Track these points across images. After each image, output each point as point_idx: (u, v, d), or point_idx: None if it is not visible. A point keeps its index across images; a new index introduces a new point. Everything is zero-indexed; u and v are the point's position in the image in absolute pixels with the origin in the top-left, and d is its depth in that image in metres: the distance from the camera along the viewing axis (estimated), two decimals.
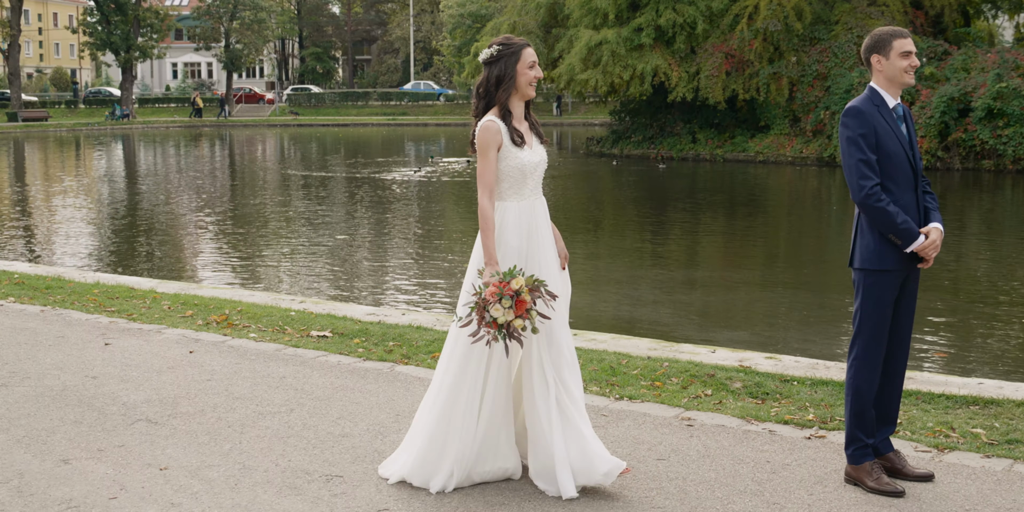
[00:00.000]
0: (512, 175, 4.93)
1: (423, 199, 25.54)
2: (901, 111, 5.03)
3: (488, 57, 4.91)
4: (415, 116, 72.43)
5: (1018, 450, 5.40)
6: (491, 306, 4.57)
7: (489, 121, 4.87)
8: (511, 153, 4.90)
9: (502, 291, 4.58)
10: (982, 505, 4.72)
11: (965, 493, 4.87)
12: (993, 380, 7.13)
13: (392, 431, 5.82)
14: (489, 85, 4.92)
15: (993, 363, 9.73)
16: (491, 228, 4.81)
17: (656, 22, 36.02)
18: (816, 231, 20.44)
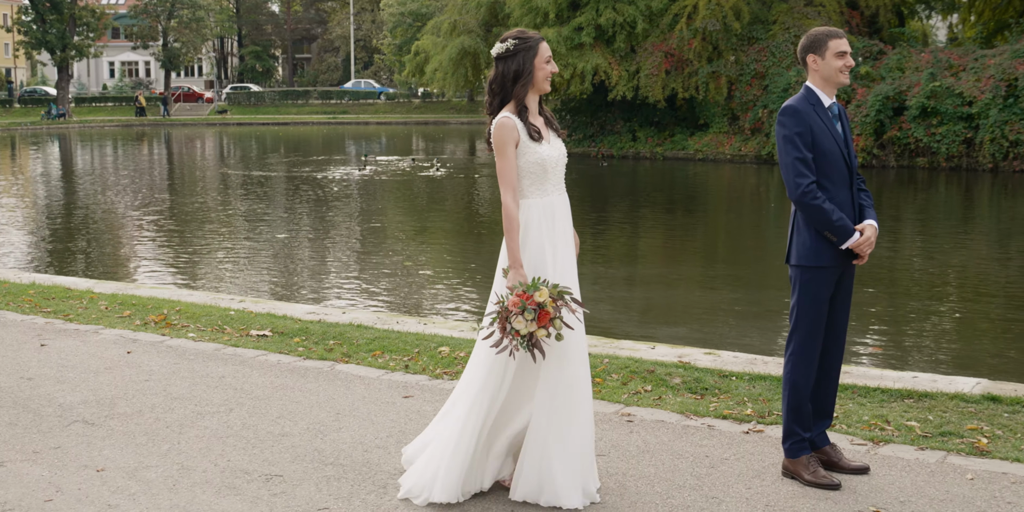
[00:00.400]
0: (533, 171, 4.75)
1: (364, 197, 25.44)
2: (836, 110, 5.10)
3: (503, 52, 4.73)
4: (356, 115, 72.09)
5: (951, 442, 5.49)
6: (513, 317, 4.45)
7: (504, 117, 4.71)
8: (530, 148, 4.73)
9: (525, 303, 4.45)
10: (916, 497, 4.80)
11: (900, 485, 4.95)
12: (927, 373, 7.25)
13: (332, 430, 5.80)
14: (505, 80, 4.74)
15: (927, 357, 9.89)
16: (516, 229, 4.65)
17: (596, 21, 36.18)
18: (754, 228, 20.64)
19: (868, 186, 5.23)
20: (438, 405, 6.22)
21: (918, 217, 21.34)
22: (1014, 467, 5.14)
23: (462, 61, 39.45)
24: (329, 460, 5.33)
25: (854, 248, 4.95)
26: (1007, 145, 28.86)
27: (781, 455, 5.28)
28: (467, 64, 39.62)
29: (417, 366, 7.14)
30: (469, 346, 7.71)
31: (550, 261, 4.74)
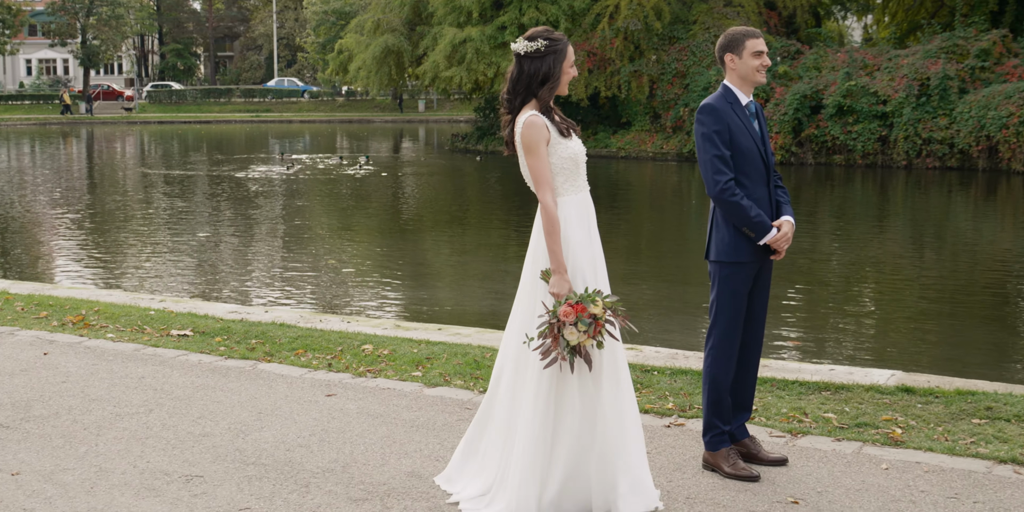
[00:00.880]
0: (567, 167, 4.63)
1: (287, 196, 25.23)
2: (754, 108, 5.17)
3: (532, 51, 4.58)
4: (279, 113, 71.46)
5: (867, 433, 5.60)
6: (566, 329, 4.34)
7: (533, 116, 4.55)
8: (561, 144, 4.61)
9: (582, 315, 4.35)
10: (832, 487, 4.89)
11: (817, 476, 5.04)
12: (844, 366, 7.38)
13: (254, 429, 5.76)
14: (532, 81, 4.59)
15: (844, 350, 10.07)
16: (559, 230, 4.53)
17: (520, 20, 36.26)
18: (675, 225, 20.84)
19: (786, 183, 5.33)
20: (362, 403, 6.21)
21: (835, 213, 21.70)
22: (927, 456, 5.26)
23: (386, 60, 39.33)
24: (251, 460, 5.30)
25: (771, 244, 5.03)
26: (920, 143, 29.48)
27: (702, 448, 5.35)
28: (391, 63, 39.50)
29: (340, 364, 7.11)
30: (392, 344, 7.70)
31: (589, 262, 4.65)
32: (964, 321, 11.33)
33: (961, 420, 5.84)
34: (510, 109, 4.65)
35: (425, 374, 6.84)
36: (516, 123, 4.62)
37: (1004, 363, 9.64)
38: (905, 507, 4.66)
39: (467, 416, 5.95)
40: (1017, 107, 27.40)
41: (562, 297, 4.44)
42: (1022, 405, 6.04)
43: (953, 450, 5.33)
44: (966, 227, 19.68)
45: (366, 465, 5.20)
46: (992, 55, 30.20)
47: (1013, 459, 5.19)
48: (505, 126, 4.71)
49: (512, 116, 4.65)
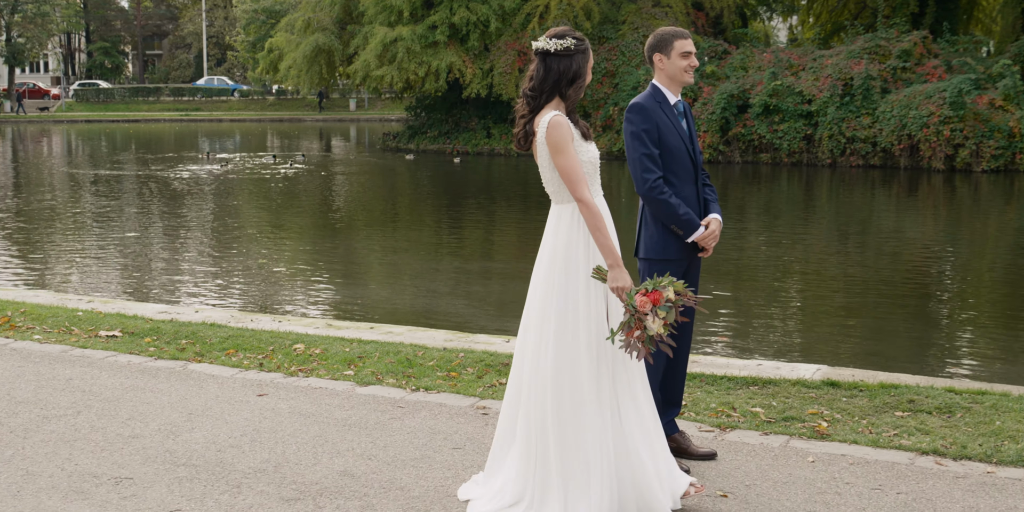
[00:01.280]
0: (587, 171, 4.50)
1: (217, 195, 24.99)
2: (682, 107, 5.24)
3: (562, 50, 4.50)
4: (209, 112, 70.69)
5: (793, 427, 5.70)
6: (649, 319, 4.29)
7: (558, 116, 4.44)
8: (583, 148, 4.51)
9: (664, 303, 4.30)
10: (760, 480, 4.98)
11: (745, 469, 5.12)
12: (771, 361, 7.51)
13: (185, 430, 5.72)
14: (561, 80, 4.51)
15: (771, 345, 10.23)
16: (604, 224, 4.44)
17: (450, 20, 36.27)
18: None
19: (714, 181, 5.41)
20: (293, 403, 6.20)
21: (762, 211, 21.99)
22: (852, 449, 5.38)
23: (316, 58, 39.11)
24: (181, 461, 5.26)
25: (699, 241, 5.10)
26: (844, 141, 29.97)
27: None
28: (321, 61, 39.29)
29: (272, 364, 7.08)
30: (324, 343, 7.68)
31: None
32: (887, 316, 11.55)
33: (884, 413, 5.96)
34: (532, 107, 4.55)
35: (357, 373, 6.83)
36: (537, 123, 4.52)
37: (925, 357, 9.85)
38: (831, 499, 4.75)
39: (399, 414, 5.97)
40: (937, 107, 27.97)
41: (626, 290, 4.39)
42: (943, 398, 6.18)
43: (877, 442, 5.44)
44: (888, 224, 20.05)
45: (298, 465, 5.19)
46: (913, 56, 30.80)
47: (935, 450, 5.32)
48: (520, 124, 4.60)
49: (532, 115, 4.56)
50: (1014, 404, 6.09)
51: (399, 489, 4.86)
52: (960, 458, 5.25)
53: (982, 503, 4.70)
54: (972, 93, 27.98)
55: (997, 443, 5.41)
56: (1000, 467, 5.14)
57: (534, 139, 4.53)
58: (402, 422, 5.84)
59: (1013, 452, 5.26)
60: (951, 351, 10.23)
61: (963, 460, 5.24)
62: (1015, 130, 27.49)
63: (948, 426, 5.72)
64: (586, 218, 4.44)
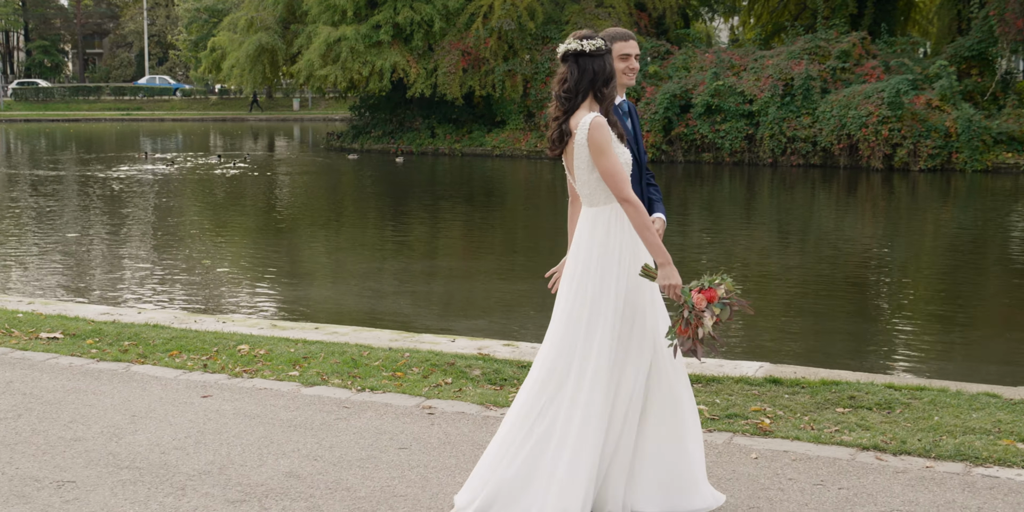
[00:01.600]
0: None
1: (160, 195, 24.74)
2: (627, 107, 5.27)
3: (594, 50, 4.46)
4: (151, 111, 69.88)
5: (736, 423, 5.77)
6: (706, 316, 4.33)
7: (599, 117, 4.41)
8: (618, 149, 4.48)
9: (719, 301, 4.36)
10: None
11: None
12: (714, 359, 7.56)
13: (128, 433, 5.67)
14: (596, 80, 4.47)
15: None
16: (650, 221, 4.44)
17: (394, 20, 36.18)
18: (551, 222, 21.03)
19: (657, 181, 5.44)
20: (238, 404, 6.16)
21: (704, 210, 22.17)
22: (794, 445, 5.45)
23: (260, 58, 38.84)
24: (125, 464, 5.22)
25: None
26: (785, 141, 30.30)
27: None
28: (265, 61, 39.03)
29: (216, 365, 7.04)
30: (269, 343, 7.65)
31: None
32: (827, 314, 11.70)
33: (826, 409, 6.05)
34: (567, 109, 4.49)
35: (302, 373, 6.81)
36: (574, 124, 4.47)
37: (865, 353, 9.99)
38: (774, 495, 4.82)
39: (344, 414, 5.95)
40: (876, 107, 28.35)
41: (678, 287, 4.42)
42: (883, 394, 6.29)
43: (819, 438, 5.52)
44: (828, 223, 20.30)
45: (243, 466, 5.17)
46: (852, 56, 31.20)
47: (875, 446, 5.41)
48: (554, 126, 4.53)
49: (566, 116, 4.50)
50: (951, 400, 6.21)
51: (345, 490, 4.86)
52: (900, 453, 5.35)
53: (921, 497, 4.78)
54: (910, 93, 28.40)
55: (935, 438, 5.51)
56: (938, 462, 5.23)
57: (571, 140, 4.48)
58: (348, 422, 5.83)
59: (951, 447, 5.36)
60: (890, 348, 10.39)
61: (903, 455, 5.33)
62: (951, 130, 27.94)
63: (888, 422, 5.81)
64: (633, 217, 4.41)
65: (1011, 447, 5.38)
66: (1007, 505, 4.70)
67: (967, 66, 31.28)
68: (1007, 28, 29.31)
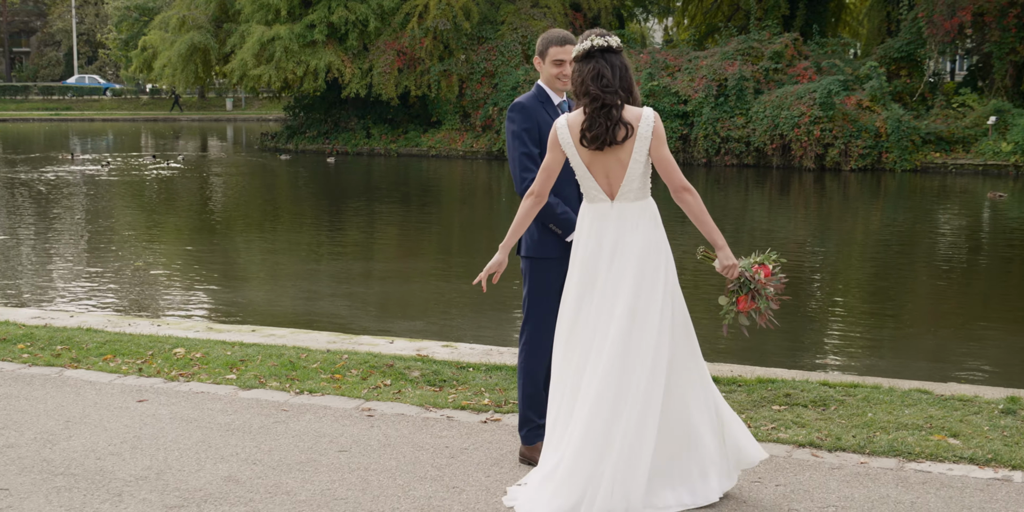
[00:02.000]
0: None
1: (91, 197, 24.37)
2: (567, 107, 5.29)
3: (618, 46, 4.62)
4: (80, 111, 68.80)
5: None
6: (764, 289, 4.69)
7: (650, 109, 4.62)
8: None
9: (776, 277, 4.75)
10: None
11: None
12: None
13: (62, 438, 5.58)
14: (628, 74, 4.62)
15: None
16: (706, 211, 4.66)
17: (329, 19, 35.98)
18: (487, 222, 21.05)
19: None
20: (175, 408, 6.10)
21: None
22: None
23: (192, 57, 38.42)
24: (59, 470, 5.14)
25: None
26: (719, 141, 30.61)
27: (518, 442, 5.45)
28: (197, 60, 38.61)
29: (151, 369, 6.95)
30: (205, 346, 7.57)
31: None
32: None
33: (762, 407, 6.12)
34: (620, 103, 4.56)
35: (240, 376, 6.76)
36: (630, 117, 4.56)
37: (798, 352, 10.12)
38: None
39: (283, 417, 5.91)
40: (808, 107, 28.73)
41: (736, 267, 4.68)
42: (818, 391, 6.38)
43: (756, 436, 5.55)
44: (761, 222, 20.52)
45: (181, 471, 5.11)
46: (784, 57, 31.59)
47: (811, 443, 5.48)
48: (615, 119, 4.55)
49: (619, 112, 4.54)
50: (884, 396, 6.31)
51: (285, 493, 4.82)
52: (835, 450, 5.42)
53: (856, 493, 4.86)
54: (841, 94, 28.81)
55: (869, 434, 5.60)
56: (872, 457, 5.32)
57: (633, 134, 4.57)
58: (287, 425, 5.80)
59: (884, 443, 5.45)
60: (823, 346, 10.54)
61: (838, 451, 5.41)
62: (881, 130, 28.40)
63: (823, 419, 5.90)
64: (694, 204, 4.64)
65: (942, 442, 5.48)
66: (939, 499, 4.79)
67: (896, 67, 31.83)
68: (935, 30, 29.84)
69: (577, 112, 4.65)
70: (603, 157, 4.60)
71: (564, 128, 4.64)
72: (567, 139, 4.63)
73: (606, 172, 4.63)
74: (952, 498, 4.80)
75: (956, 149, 28.64)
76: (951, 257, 16.05)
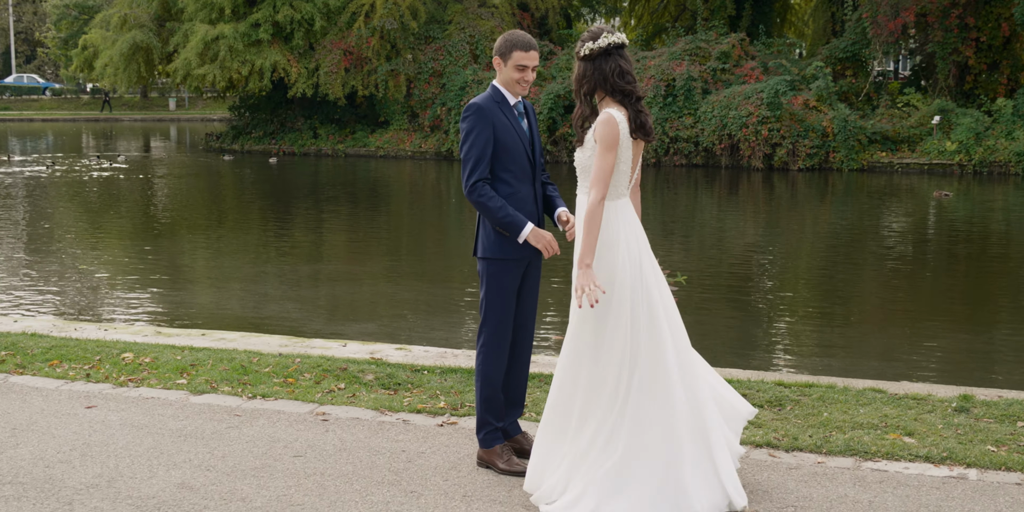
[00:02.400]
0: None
1: (31, 199, 23.97)
2: (523, 107, 5.27)
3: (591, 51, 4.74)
4: (19, 111, 67.70)
5: None
6: None
7: None
8: None
9: None
10: None
11: None
12: None
13: (9, 447, 5.45)
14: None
15: None
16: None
17: (274, 18, 35.66)
18: (437, 223, 20.98)
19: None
20: (125, 414, 5.99)
21: None
22: None
23: (134, 56, 37.89)
24: (7, 479, 5.02)
25: (531, 241, 5.10)
26: (668, 141, 30.71)
27: (475, 446, 5.41)
28: (140, 59, 38.09)
29: (99, 374, 6.83)
30: (154, 351, 7.44)
31: None
32: (711, 312, 11.87)
33: None
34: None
35: (190, 381, 6.65)
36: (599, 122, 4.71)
37: (751, 352, 10.16)
38: None
39: (236, 423, 5.83)
40: (755, 107, 28.92)
41: None
42: (773, 391, 6.39)
43: None
44: (711, 222, 20.62)
45: (133, 478, 5.01)
46: (732, 57, 31.77)
47: (768, 443, 5.49)
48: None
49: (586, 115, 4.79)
50: (839, 395, 6.34)
51: (240, 500, 4.75)
52: (792, 450, 5.44)
53: (815, 492, 4.87)
54: (788, 94, 29.03)
55: (825, 434, 5.62)
56: (829, 457, 5.34)
57: None
58: (240, 431, 5.71)
59: (840, 442, 5.47)
60: (775, 346, 10.59)
61: (795, 451, 5.42)
62: (828, 130, 28.65)
63: (779, 419, 5.91)
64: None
65: (898, 441, 5.51)
66: (896, 498, 4.81)
67: (841, 67, 32.14)
68: (880, 30, 30.17)
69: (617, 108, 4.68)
70: (637, 149, 4.77)
71: (624, 122, 4.65)
72: (626, 133, 4.65)
73: (636, 163, 4.80)
74: (909, 497, 4.83)
75: (902, 148, 28.98)
76: (899, 256, 16.21)
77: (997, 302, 12.86)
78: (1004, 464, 5.21)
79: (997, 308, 12.46)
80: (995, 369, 9.50)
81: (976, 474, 5.12)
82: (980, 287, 13.91)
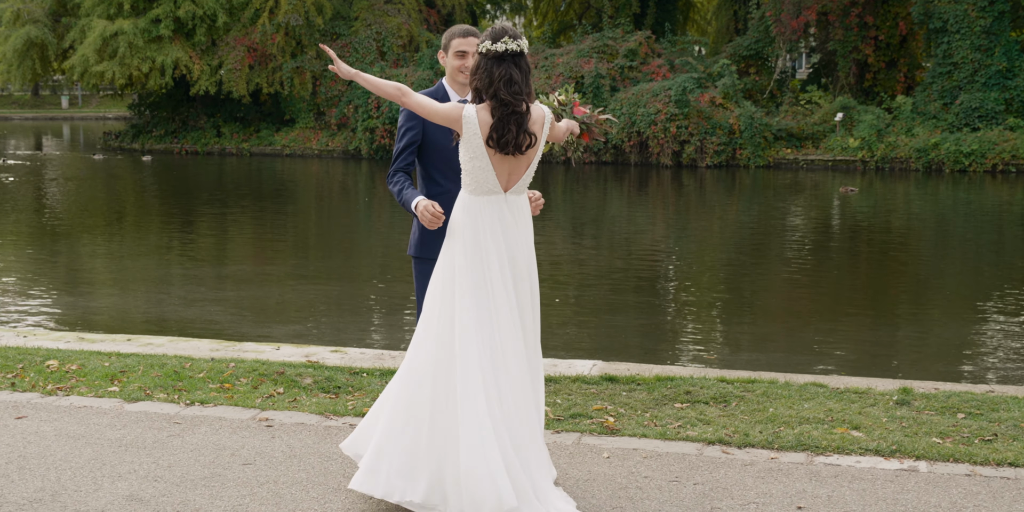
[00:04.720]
0: None
1: None
2: None
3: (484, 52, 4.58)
4: None
5: (582, 423, 5.76)
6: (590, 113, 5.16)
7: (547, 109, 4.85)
8: None
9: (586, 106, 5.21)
10: (562, 478, 4.97)
11: None
12: (548, 358, 7.55)
13: None
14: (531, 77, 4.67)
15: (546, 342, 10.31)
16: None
17: (175, 13, 34.95)
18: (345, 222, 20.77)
19: None
20: (58, 424, 5.77)
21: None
22: (642, 442, 5.48)
23: (29, 53, 36.85)
24: None
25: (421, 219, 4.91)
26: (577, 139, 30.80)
27: None
28: (34, 56, 37.05)
29: (25, 383, 6.56)
30: (80, 358, 7.19)
31: None
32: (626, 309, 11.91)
33: (665, 405, 6.11)
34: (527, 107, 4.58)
35: (123, 389, 6.44)
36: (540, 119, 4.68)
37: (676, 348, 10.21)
38: (634, 494, 4.81)
39: (177, 430, 5.65)
40: (663, 105, 29.19)
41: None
42: (717, 388, 6.40)
43: (665, 435, 5.56)
44: (621, 219, 20.74)
45: (78, 491, 4.81)
46: (639, 55, 32.02)
47: (720, 440, 5.49)
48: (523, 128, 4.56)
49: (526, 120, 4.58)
50: (782, 391, 6.38)
51: (195, 511, 4.59)
52: (744, 446, 5.45)
53: (773, 489, 4.87)
54: (695, 92, 29.36)
55: (775, 429, 5.64)
56: (782, 452, 5.36)
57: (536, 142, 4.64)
58: (183, 439, 5.54)
59: (791, 437, 5.50)
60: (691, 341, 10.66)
61: (747, 448, 5.43)
62: (735, 127, 29.04)
63: (726, 415, 5.92)
64: None
65: (846, 435, 5.56)
66: (854, 492, 4.84)
67: (745, 65, 32.60)
68: (783, 28, 30.67)
69: (485, 108, 4.52)
70: (510, 158, 4.57)
71: (474, 122, 4.50)
72: (475, 131, 4.50)
73: (509, 171, 4.60)
74: (866, 491, 4.86)
75: (806, 145, 29.50)
76: (810, 251, 16.47)
77: (898, 296, 13.15)
78: (952, 456, 5.28)
79: (898, 301, 12.76)
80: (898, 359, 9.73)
81: (926, 466, 5.18)
82: (882, 281, 14.20)
